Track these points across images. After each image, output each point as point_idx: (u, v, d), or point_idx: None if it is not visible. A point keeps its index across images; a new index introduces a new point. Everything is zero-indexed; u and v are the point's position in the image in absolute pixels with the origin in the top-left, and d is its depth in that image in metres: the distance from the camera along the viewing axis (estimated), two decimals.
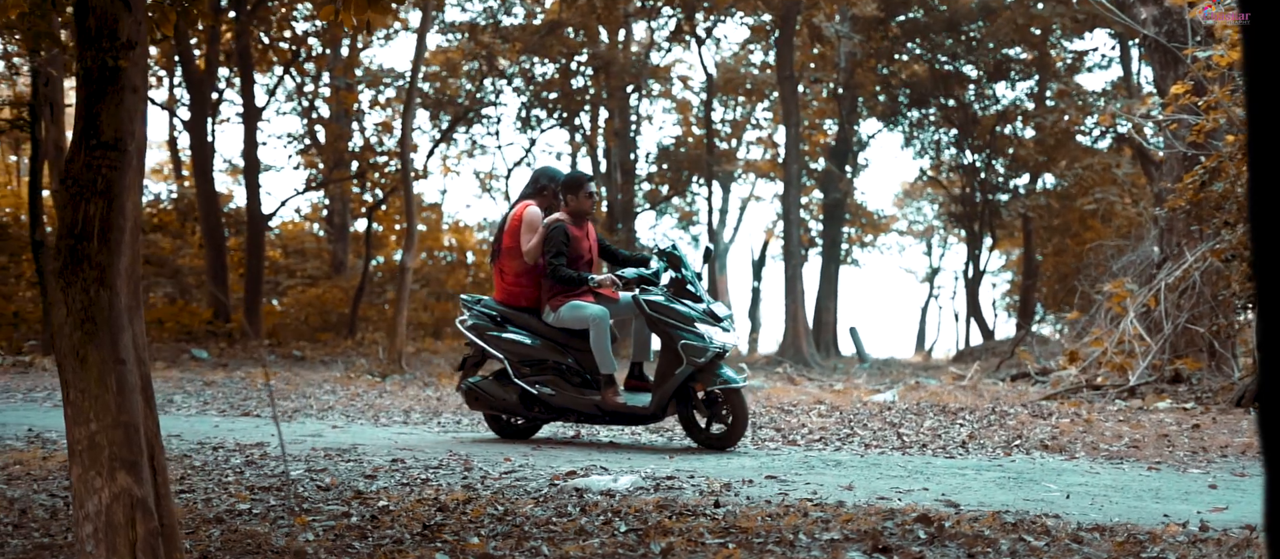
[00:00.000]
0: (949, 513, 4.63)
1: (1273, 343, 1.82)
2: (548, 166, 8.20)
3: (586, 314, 7.55)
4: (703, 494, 5.63)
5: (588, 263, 7.76)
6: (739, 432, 7.36)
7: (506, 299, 7.83)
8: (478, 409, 7.98)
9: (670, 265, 7.63)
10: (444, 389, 11.97)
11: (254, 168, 22.01)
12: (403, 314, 15.29)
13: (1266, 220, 1.80)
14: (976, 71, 24.72)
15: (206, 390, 11.13)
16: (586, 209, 7.75)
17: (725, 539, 4.22)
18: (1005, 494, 5.70)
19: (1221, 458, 7.11)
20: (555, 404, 7.63)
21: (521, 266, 7.71)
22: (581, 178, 7.76)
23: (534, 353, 7.66)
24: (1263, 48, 1.83)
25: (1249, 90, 1.85)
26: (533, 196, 7.90)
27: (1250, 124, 1.85)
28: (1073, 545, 4.03)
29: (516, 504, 5.23)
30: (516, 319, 7.74)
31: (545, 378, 7.64)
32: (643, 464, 6.74)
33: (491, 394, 7.78)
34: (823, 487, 5.93)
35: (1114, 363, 12.38)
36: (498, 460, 6.87)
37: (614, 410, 7.55)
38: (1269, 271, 1.81)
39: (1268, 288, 1.81)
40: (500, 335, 7.71)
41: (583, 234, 7.76)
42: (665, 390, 7.40)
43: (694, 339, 7.31)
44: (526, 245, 7.65)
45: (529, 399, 7.69)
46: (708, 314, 7.45)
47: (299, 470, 6.33)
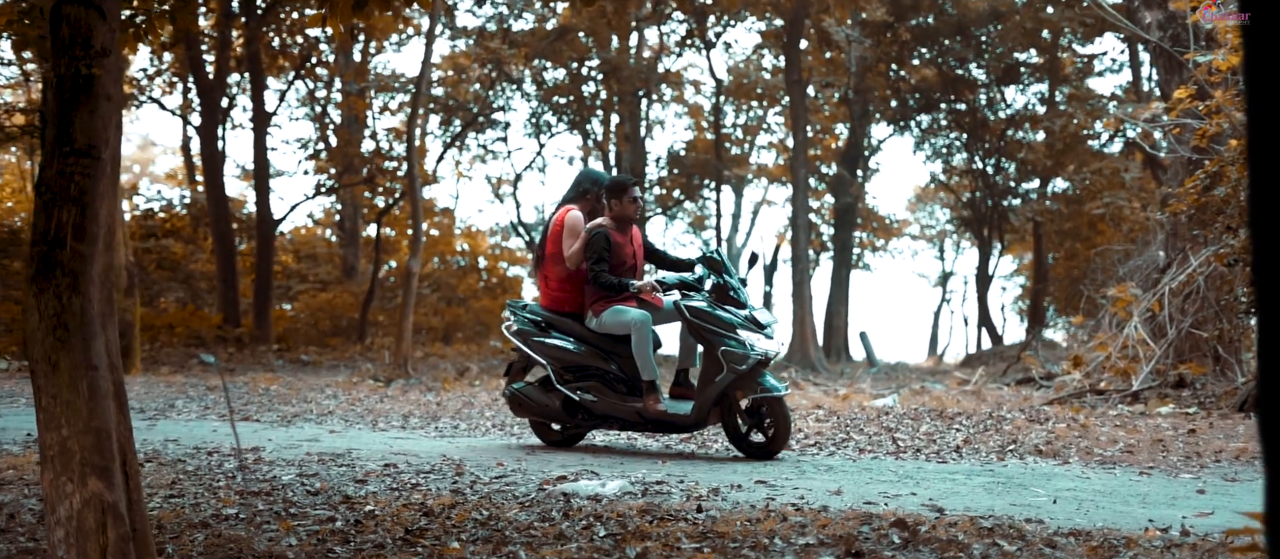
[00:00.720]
0: (928, 517, 4.64)
1: (1272, 345, 1.82)
2: (591, 170, 8.08)
3: (628, 319, 7.44)
4: (689, 499, 5.65)
5: (631, 269, 7.61)
6: (782, 441, 7.23)
7: (551, 305, 7.72)
8: (522, 415, 7.89)
9: (712, 270, 7.50)
10: (445, 394, 12.01)
11: (264, 173, 22.12)
12: (409, 319, 15.35)
13: (1266, 222, 1.81)
14: (986, 76, 24.68)
15: (208, 395, 11.20)
16: (631, 214, 7.59)
17: (701, 544, 4.24)
18: (992, 499, 5.70)
19: (1215, 463, 7.09)
20: (597, 411, 7.52)
21: (564, 272, 7.61)
22: (626, 182, 7.63)
23: (577, 359, 7.55)
24: (1263, 48, 1.83)
25: (1249, 91, 1.84)
26: (575, 201, 7.79)
27: (1250, 125, 1.84)
28: (1046, 550, 4.04)
29: (502, 509, 5.25)
30: (560, 324, 7.64)
31: (588, 384, 7.54)
32: (635, 469, 6.77)
33: (535, 400, 7.70)
34: (811, 491, 5.94)
35: (1118, 368, 12.35)
36: (490, 465, 6.90)
37: (655, 418, 7.42)
38: (1268, 273, 1.81)
39: (1267, 290, 1.81)
40: (543, 341, 7.61)
41: (626, 239, 7.61)
42: (706, 398, 7.28)
43: (735, 346, 7.17)
44: (568, 250, 7.55)
45: (571, 406, 7.61)
46: (750, 321, 7.30)
47: (290, 475, 6.37)
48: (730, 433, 7.39)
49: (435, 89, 27.02)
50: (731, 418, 7.35)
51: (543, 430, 7.95)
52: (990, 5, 22.53)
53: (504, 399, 8.03)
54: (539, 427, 7.95)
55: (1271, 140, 1.80)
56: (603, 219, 7.59)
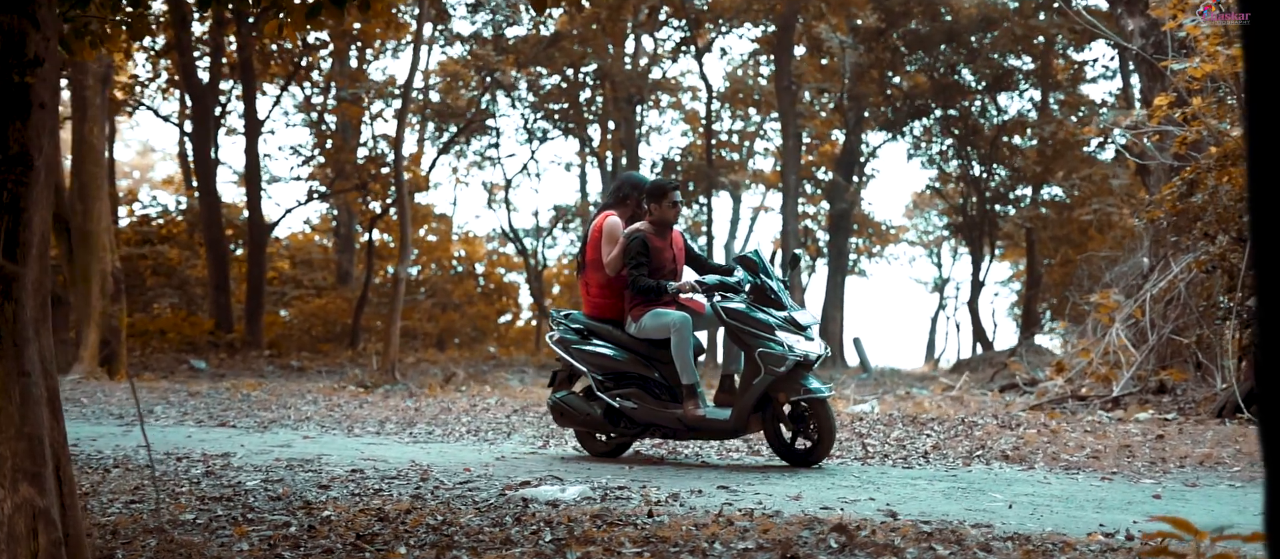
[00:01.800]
0: (872, 522, 4.67)
1: (1273, 344, 1.83)
2: (630, 174, 7.95)
3: (667, 321, 7.29)
4: (649, 504, 5.69)
5: (671, 274, 7.47)
6: (826, 447, 7.03)
7: (593, 312, 7.62)
8: (565, 425, 7.77)
9: (749, 271, 7.31)
10: (425, 401, 12.05)
11: (256, 179, 22.19)
12: (396, 325, 15.40)
13: (1266, 222, 1.82)
14: (978, 82, 24.72)
15: (190, 400, 11.25)
16: (670, 218, 7.46)
17: (643, 549, 4.28)
18: (949, 504, 5.73)
19: (1178, 469, 7.12)
20: (639, 419, 7.38)
21: (604, 278, 7.51)
22: (666, 185, 7.47)
23: (618, 365, 7.42)
24: (1263, 48, 1.84)
25: (1249, 91, 1.85)
26: (614, 206, 7.66)
27: (1249, 125, 1.85)
28: (981, 554, 4.07)
29: (458, 514, 5.29)
30: (601, 332, 7.52)
31: (629, 392, 7.40)
32: (600, 474, 6.80)
33: (577, 409, 7.57)
34: (771, 496, 5.97)
35: (1099, 374, 12.39)
36: (457, 470, 6.94)
37: (695, 424, 7.27)
38: (1269, 272, 1.82)
39: (1267, 288, 1.83)
40: (584, 348, 7.50)
41: (665, 244, 7.47)
42: (745, 402, 7.10)
43: (773, 347, 7.00)
44: (607, 257, 7.45)
45: (613, 414, 7.48)
46: (789, 321, 7.12)
47: (255, 480, 6.41)
48: (771, 439, 7.23)
49: (433, 95, 27.15)
50: (773, 424, 7.17)
51: (588, 441, 7.79)
52: (981, 12, 22.58)
53: (548, 409, 7.89)
54: (584, 437, 7.80)
55: (1272, 140, 1.82)
56: (641, 223, 7.47)
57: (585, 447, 7.81)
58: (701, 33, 25.87)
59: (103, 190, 14.19)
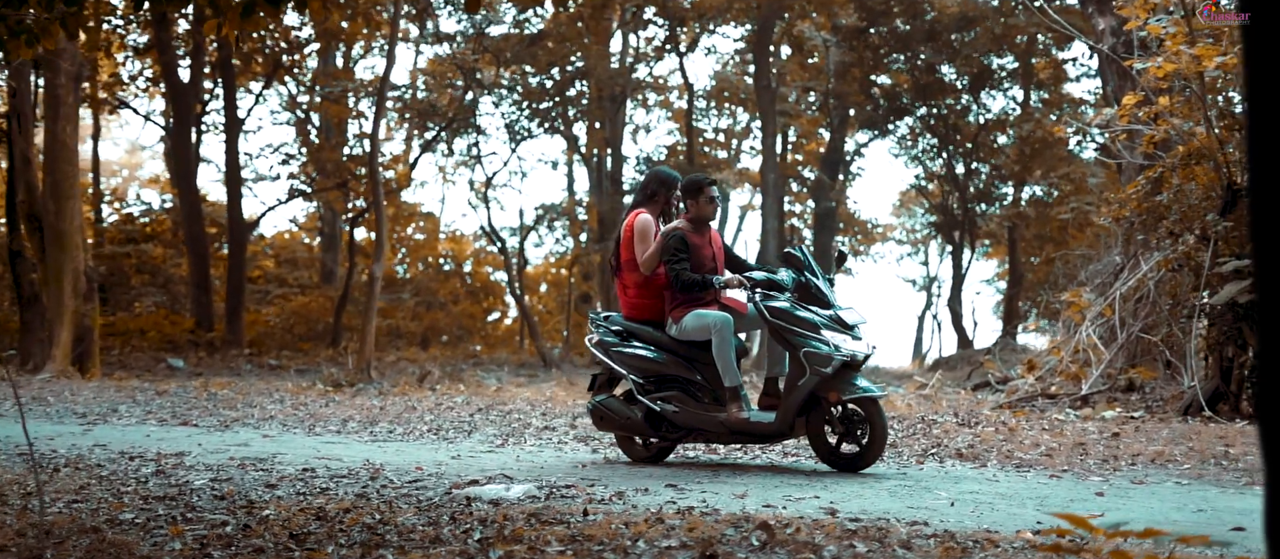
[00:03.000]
0: (798, 520, 4.69)
1: (1273, 344, 1.84)
2: (660, 169, 7.66)
3: (709, 322, 7.05)
4: (591, 502, 5.70)
5: (711, 272, 7.21)
6: (876, 451, 6.74)
7: (631, 313, 7.40)
8: (606, 430, 7.53)
9: (793, 268, 7.09)
10: (392, 400, 12.06)
11: (237, 178, 22.18)
12: (371, 324, 15.40)
13: (1266, 222, 1.83)
14: (960, 80, 24.77)
15: (156, 399, 11.25)
16: (708, 214, 7.25)
17: (568, 547, 4.30)
18: (891, 502, 5.76)
19: (1129, 466, 7.15)
20: (680, 423, 7.13)
21: (640, 278, 7.28)
22: (702, 181, 7.26)
23: (658, 368, 7.18)
24: (1263, 48, 1.84)
25: (1249, 90, 1.85)
26: (644, 203, 7.42)
27: (1250, 124, 1.85)
28: (902, 551, 4.10)
29: (397, 514, 5.30)
30: (641, 333, 7.29)
31: (670, 395, 7.15)
32: (552, 473, 6.82)
33: (617, 413, 7.34)
34: (717, 495, 5.99)
35: (1069, 372, 12.42)
36: (408, 469, 6.96)
37: (739, 428, 7.01)
38: (1269, 274, 1.83)
39: (1267, 290, 1.84)
40: (624, 351, 7.27)
41: (704, 241, 7.25)
42: (790, 405, 6.84)
43: (818, 347, 6.75)
44: (641, 256, 7.22)
45: (654, 418, 7.23)
46: (835, 320, 6.87)
47: (203, 480, 6.42)
48: (816, 444, 6.95)
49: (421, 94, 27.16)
50: (819, 427, 6.90)
51: (628, 446, 7.53)
52: (961, 11, 22.62)
53: (587, 413, 7.70)
54: (624, 442, 7.55)
55: (1272, 140, 1.82)
56: (679, 221, 7.27)
57: (625, 452, 7.57)
58: (675, 35, 25.87)
59: (76, 189, 14.18)
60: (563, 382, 15.84)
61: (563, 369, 19.50)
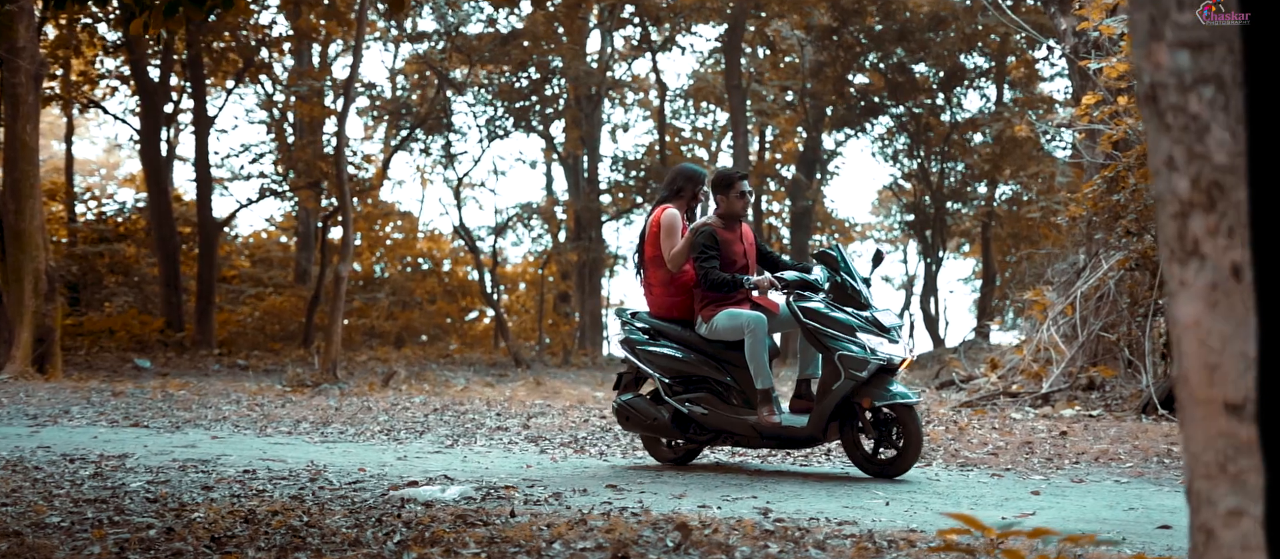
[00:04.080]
0: (720, 521, 4.68)
1: (1272, 345, 1.82)
2: (686, 165, 7.50)
3: (742, 321, 6.82)
4: (527, 503, 5.69)
5: (742, 270, 7.01)
6: (911, 458, 6.49)
7: (658, 311, 7.20)
8: (630, 430, 7.36)
9: (829, 267, 6.86)
10: (347, 400, 12.01)
11: (207, 177, 22.11)
12: (337, 324, 15.35)
13: (1266, 224, 1.82)
14: (934, 80, 24.83)
15: (112, 400, 11.19)
16: (738, 210, 7.03)
17: (483, 549, 4.28)
18: (827, 502, 5.75)
19: (1073, 465, 7.17)
20: (709, 425, 6.92)
21: (667, 275, 7.08)
22: (732, 175, 7.04)
23: (686, 368, 6.99)
24: (1263, 47, 1.82)
25: (1249, 90, 1.83)
26: (670, 199, 7.22)
27: (1250, 124, 1.83)
28: (814, 551, 4.09)
29: (327, 516, 5.28)
30: (669, 332, 7.10)
31: (698, 396, 6.95)
32: (496, 473, 6.80)
33: (643, 413, 7.12)
34: (656, 496, 5.98)
35: (1031, 370, 12.46)
36: (351, 470, 6.93)
37: (770, 431, 6.78)
38: (1268, 275, 1.82)
39: (1266, 291, 1.82)
40: (651, 350, 7.08)
41: (735, 237, 7.03)
42: (823, 409, 6.62)
43: (854, 350, 6.53)
44: (668, 252, 7.00)
45: (681, 420, 7.03)
46: (872, 322, 6.65)
47: (140, 482, 6.37)
48: (850, 449, 6.72)
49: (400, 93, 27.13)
50: (852, 432, 6.68)
51: (654, 448, 7.37)
52: (933, 10, 22.67)
53: (613, 412, 7.53)
54: (650, 443, 7.39)
55: (1272, 141, 1.81)
56: (708, 216, 7.09)
57: (652, 454, 7.38)
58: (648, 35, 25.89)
59: (36, 188, 14.09)
60: (530, 382, 15.81)
61: (534, 369, 19.47)
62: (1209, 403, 1.98)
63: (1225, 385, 1.97)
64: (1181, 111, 1.97)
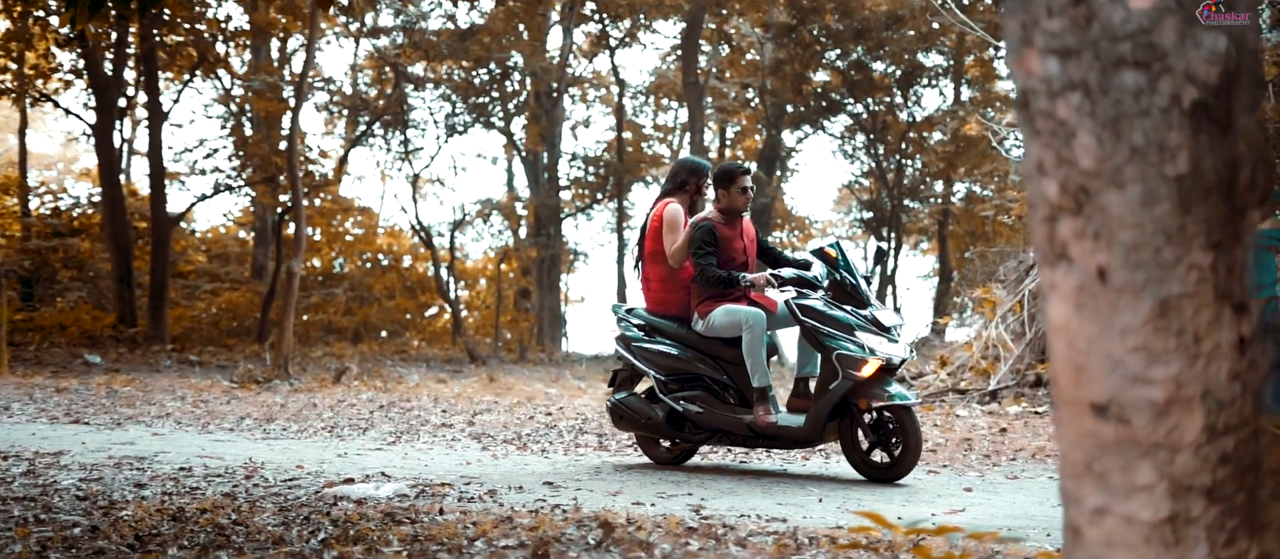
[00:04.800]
0: (644, 519, 4.70)
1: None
2: (689, 158, 7.40)
3: (740, 317, 6.72)
4: (462, 501, 5.68)
5: (742, 266, 6.91)
6: (910, 461, 6.34)
7: (655, 307, 7.09)
8: (624, 429, 7.23)
9: (828, 264, 6.72)
10: (300, 396, 11.95)
11: (160, 172, 21.91)
12: (289, 320, 15.26)
13: None
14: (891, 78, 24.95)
15: (55, 396, 11.08)
16: (740, 205, 6.91)
17: (405, 548, 4.27)
18: (761, 499, 5.78)
19: (1009, 462, 7.23)
20: (703, 424, 6.82)
21: (666, 271, 6.99)
22: (734, 169, 6.91)
23: (682, 365, 6.88)
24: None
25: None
26: (672, 193, 7.13)
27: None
28: (734, 548, 4.11)
29: (256, 514, 5.25)
30: (665, 329, 6.99)
31: (694, 394, 6.85)
32: (435, 471, 6.79)
33: (637, 412, 7.02)
34: (592, 493, 5.98)
35: (979, 367, 12.57)
36: (289, 468, 6.89)
37: (766, 431, 6.66)
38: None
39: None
40: (646, 347, 6.97)
41: (735, 233, 6.93)
42: (820, 409, 6.49)
43: (852, 350, 6.40)
44: (670, 247, 6.90)
45: (676, 419, 6.93)
46: (871, 322, 6.54)
47: (72, 479, 6.32)
48: (848, 451, 6.58)
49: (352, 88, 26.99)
50: (851, 433, 6.56)
51: (649, 447, 7.25)
52: (890, 8, 22.79)
53: (606, 411, 7.40)
54: (645, 443, 7.26)
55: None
56: (708, 211, 6.98)
57: (646, 453, 7.26)
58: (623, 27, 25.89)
59: None
60: (484, 379, 15.78)
61: (489, 366, 19.43)
62: (1076, 403, 2.01)
63: (1091, 386, 1.99)
64: (1050, 117, 1.99)
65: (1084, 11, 1.96)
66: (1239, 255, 1.99)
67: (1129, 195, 1.94)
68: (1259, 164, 2.00)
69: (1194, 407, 1.94)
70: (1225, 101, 1.95)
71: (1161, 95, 1.92)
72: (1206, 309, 1.95)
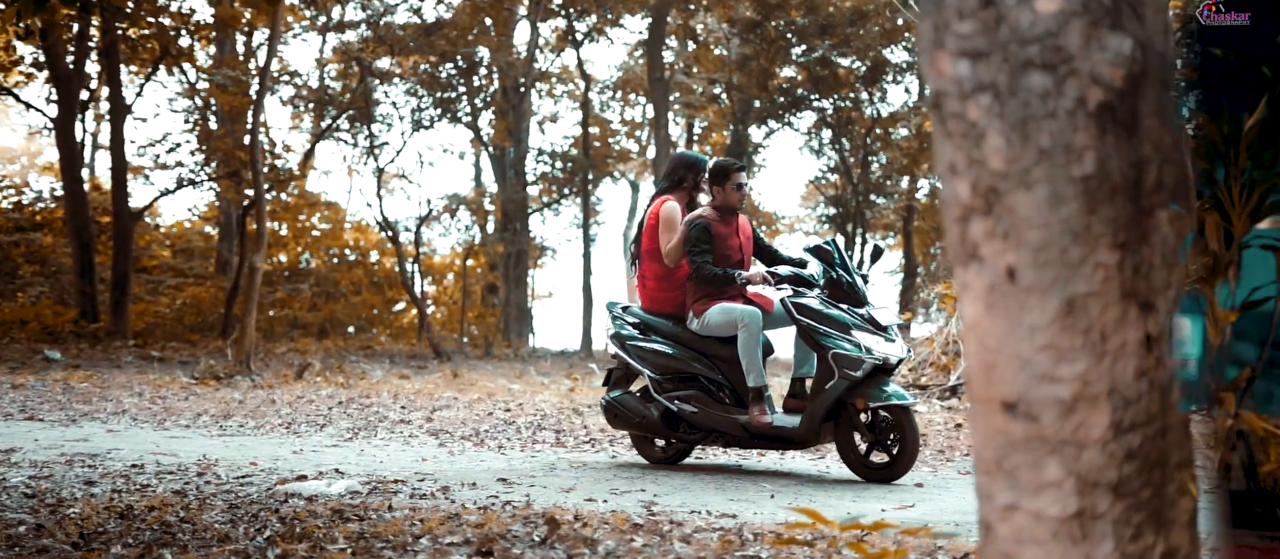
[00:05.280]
0: (591, 515, 4.71)
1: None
2: (686, 153, 7.38)
3: (736, 315, 6.65)
4: (415, 497, 5.68)
5: (737, 264, 6.84)
6: (907, 461, 6.25)
7: (650, 306, 7.01)
8: (618, 428, 7.18)
9: (824, 262, 6.63)
10: (261, 392, 11.90)
11: (122, 166, 21.75)
12: (251, 315, 15.18)
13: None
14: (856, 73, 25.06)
15: (10, 393, 10.99)
16: (735, 202, 6.83)
17: (350, 545, 4.27)
18: (713, 495, 5.81)
19: (963, 457, 7.28)
20: (698, 423, 6.74)
21: (662, 269, 6.91)
22: (728, 166, 6.85)
23: (677, 364, 6.80)
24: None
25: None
26: (670, 190, 7.07)
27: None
28: (678, 544, 4.13)
29: (205, 511, 5.23)
30: (660, 327, 6.92)
31: (689, 394, 6.76)
32: (390, 467, 6.78)
33: (631, 411, 6.95)
34: (546, 489, 5.99)
35: (940, 363, 12.65)
36: (243, 465, 6.87)
37: (761, 432, 6.59)
38: None
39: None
40: (641, 345, 6.89)
41: (731, 230, 6.85)
42: (815, 409, 6.41)
43: (848, 349, 6.31)
44: (665, 246, 6.84)
45: (671, 418, 6.86)
46: (868, 321, 6.45)
47: (21, 477, 6.28)
48: (844, 452, 6.49)
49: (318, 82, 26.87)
50: (847, 434, 6.46)
51: (644, 447, 7.17)
52: (855, 5, 22.88)
53: (600, 409, 7.35)
54: (640, 442, 7.18)
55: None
56: (703, 209, 6.89)
57: (641, 453, 7.19)
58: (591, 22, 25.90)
59: None
60: (447, 374, 15.75)
61: (454, 361, 19.40)
62: (987, 401, 2.04)
63: (1001, 384, 2.02)
64: (961, 118, 2.01)
65: (993, 14, 1.99)
66: (1146, 254, 2.02)
67: (1037, 196, 1.96)
68: (1165, 165, 2.03)
69: (1100, 404, 1.97)
70: (1131, 104, 1.98)
71: (1068, 97, 1.95)
72: (1112, 308, 1.98)
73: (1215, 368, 5.23)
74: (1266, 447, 5.33)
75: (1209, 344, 4.87)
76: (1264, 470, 5.25)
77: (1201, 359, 5.58)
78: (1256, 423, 5.20)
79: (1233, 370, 5.30)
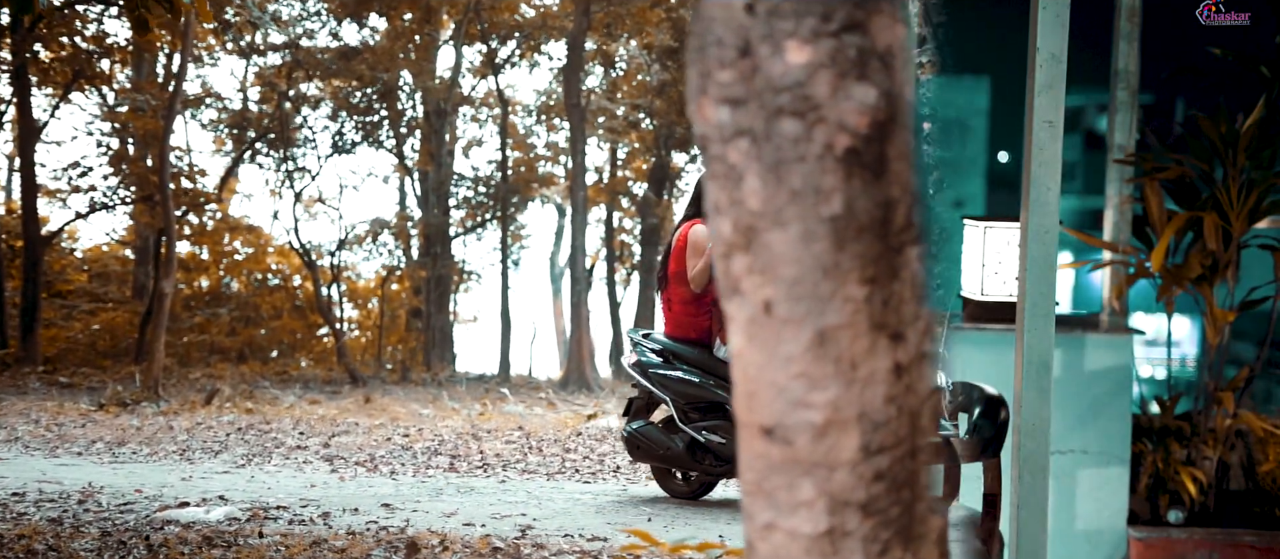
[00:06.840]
0: (456, 539, 4.79)
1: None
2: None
3: None
4: (294, 523, 5.71)
5: None
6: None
7: (674, 332, 6.82)
8: (641, 461, 6.86)
9: None
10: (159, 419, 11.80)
11: (33, 189, 21.42)
12: (159, 341, 15.02)
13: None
14: None
15: None
16: None
17: None
18: (593, 518, 5.91)
19: None
20: (725, 455, 6.49)
21: (689, 294, 6.74)
22: None
23: (702, 393, 6.57)
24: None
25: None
26: (698, 215, 6.89)
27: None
28: None
29: (78, 538, 5.23)
30: (685, 355, 6.72)
31: (715, 424, 6.53)
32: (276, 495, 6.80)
33: (654, 442, 6.67)
34: (427, 514, 6.05)
35: None
36: (128, 492, 6.84)
37: None
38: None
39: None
40: (665, 374, 6.66)
41: None
42: None
43: None
44: (692, 270, 6.71)
45: (696, 449, 6.60)
46: None
47: None
48: None
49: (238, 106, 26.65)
50: None
51: (665, 480, 6.87)
52: None
53: (621, 442, 7.05)
54: (661, 476, 6.89)
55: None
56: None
57: (663, 487, 6.89)
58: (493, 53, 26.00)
59: None
60: (360, 399, 15.70)
61: (369, 386, 19.32)
62: (750, 426, 2.15)
63: (761, 410, 2.14)
64: (723, 161, 2.14)
65: (750, 64, 2.12)
66: (896, 289, 2.16)
67: (790, 234, 2.09)
68: (913, 205, 2.18)
69: (850, 428, 2.10)
70: (877, 148, 2.12)
71: (816, 143, 2.08)
72: (862, 338, 2.11)
73: (1214, 368, 5.40)
74: (1265, 446, 5.52)
75: (1208, 344, 5.03)
76: (1263, 470, 5.44)
77: (1201, 359, 5.71)
78: (1255, 423, 5.39)
79: (1232, 370, 5.48)
